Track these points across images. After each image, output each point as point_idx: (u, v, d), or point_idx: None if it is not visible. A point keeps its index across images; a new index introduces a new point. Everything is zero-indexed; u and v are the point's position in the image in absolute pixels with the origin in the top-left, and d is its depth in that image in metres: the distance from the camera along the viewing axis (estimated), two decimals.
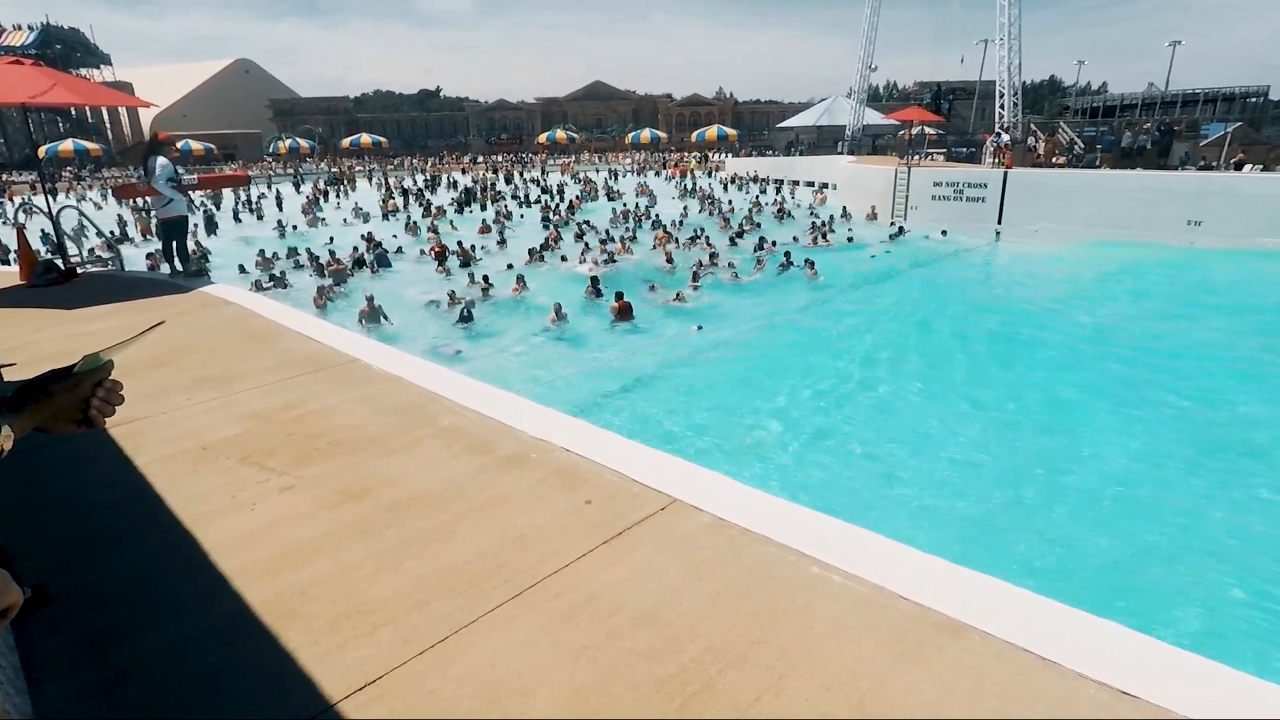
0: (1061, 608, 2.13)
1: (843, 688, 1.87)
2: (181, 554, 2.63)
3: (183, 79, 76.29)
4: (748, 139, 66.01)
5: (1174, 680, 1.83)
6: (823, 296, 15.71)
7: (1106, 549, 6.26)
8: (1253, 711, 1.73)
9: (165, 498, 3.03)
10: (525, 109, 79.17)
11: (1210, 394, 9.84)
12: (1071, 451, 8.12)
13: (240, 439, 3.59)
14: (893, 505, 7.03)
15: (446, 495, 2.97)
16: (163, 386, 4.39)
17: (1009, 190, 23.44)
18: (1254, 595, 5.62)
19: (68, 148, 44.10)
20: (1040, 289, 16.71)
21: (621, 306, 12.89)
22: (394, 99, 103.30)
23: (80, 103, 10.41)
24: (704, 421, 8.98)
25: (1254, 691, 1.79)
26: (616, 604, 2.24)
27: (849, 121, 42.33)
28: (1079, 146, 29.44)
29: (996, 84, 30.58)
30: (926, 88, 57.62)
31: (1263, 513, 6.77)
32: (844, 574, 2.33)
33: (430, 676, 1.97)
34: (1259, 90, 45.33)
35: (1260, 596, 5.60)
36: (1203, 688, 1.80)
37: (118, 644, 2.17)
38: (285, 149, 53.44)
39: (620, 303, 12.92)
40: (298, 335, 5.60)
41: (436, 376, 4.49)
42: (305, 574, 2.46)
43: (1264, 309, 14.09)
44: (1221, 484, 7.32)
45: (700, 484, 2.99)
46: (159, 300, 7.22)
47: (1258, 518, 6.69)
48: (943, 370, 11.08)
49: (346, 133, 66.09)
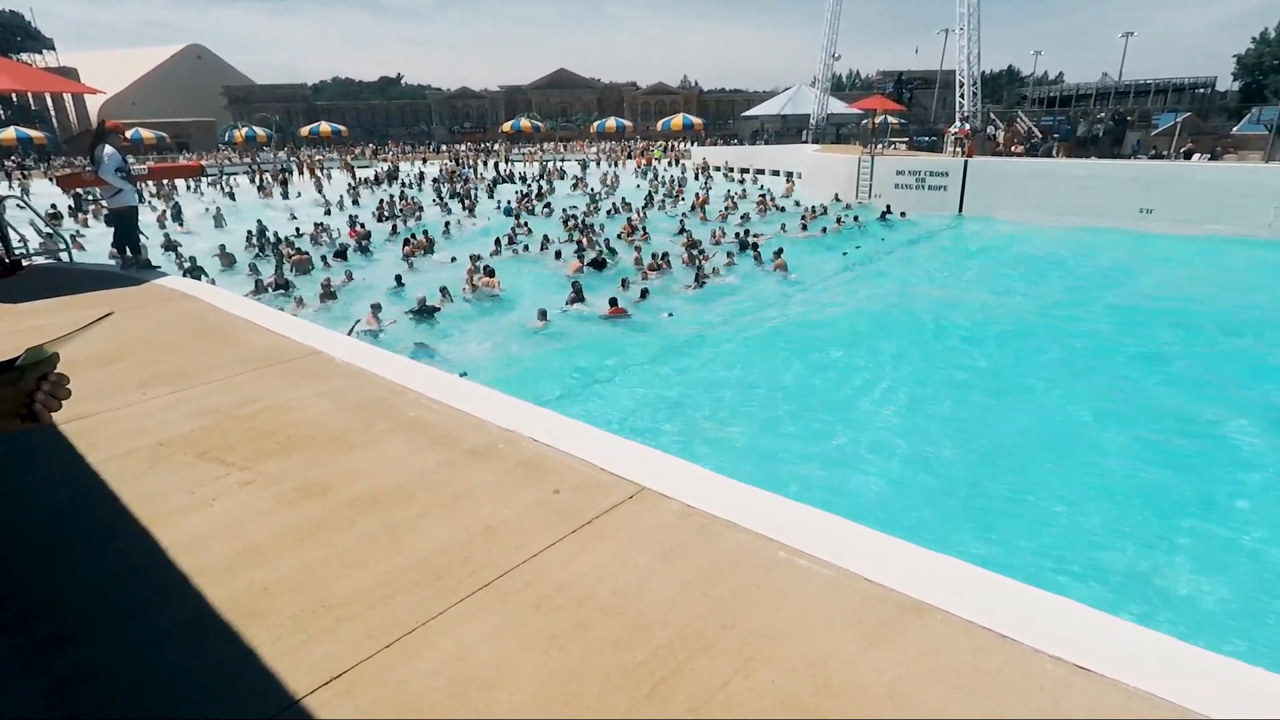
0: (1019, 586, 2.19)
1: (810, 669, 1.89)
2: (138, 554, 2.56)
3: (132, 65, 73.63)
4: (713, 128, 66.08)
5: (1127, 654, 1.88)
6: (798, 287, 15.92)
7: (1079, 528, 6.48)
8: (1202, 682, 1.79)
9: (120, 496, 2.94)
10: (489, 97, 78.22)
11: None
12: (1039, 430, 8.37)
13: (197, 435, 3.50)
14: (856, 488, 7.15)
15: (411, 489, 2.94)
16: (115, 382, 4.25)
17: (969, 179, 23.87)
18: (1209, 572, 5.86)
19: (10, 136, 42.48)
20: (1000, 269, 17.14)
21: (615, 311, 12.78)
22: (354, 87, 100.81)
23: (20, 89, 10.02)
24: (680, 408, 9.04)
25: (1203, 663, 1.86)
26: (586, 593, 2.24)
27: (813, 110, 42.62)
28: (1036, 136, 30.08)
29: (956, 73, 31.04)
30: (889, 77, 58.34)
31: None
32: (811, 558, 2.36)
33: (397, 669, 1.95)
34: (1207, 81, 46.84)
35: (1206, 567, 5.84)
36: (1154, 661, 1.86)
37: (73, 647, 2.11)
38: (242, 137, 52.12)
39: (615, 308, 12.79)
40: (256, 328, 5.47)
41: (401, 369, 4.43)
42: (267, 571, 2.41)
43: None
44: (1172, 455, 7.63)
45: (669, 472, 3.00)
46: (110, 294, 6.99)
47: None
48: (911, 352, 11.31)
49: (305, 121, 64.68)
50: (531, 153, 51.31)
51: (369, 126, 74.68)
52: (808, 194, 27.75)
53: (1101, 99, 45.81)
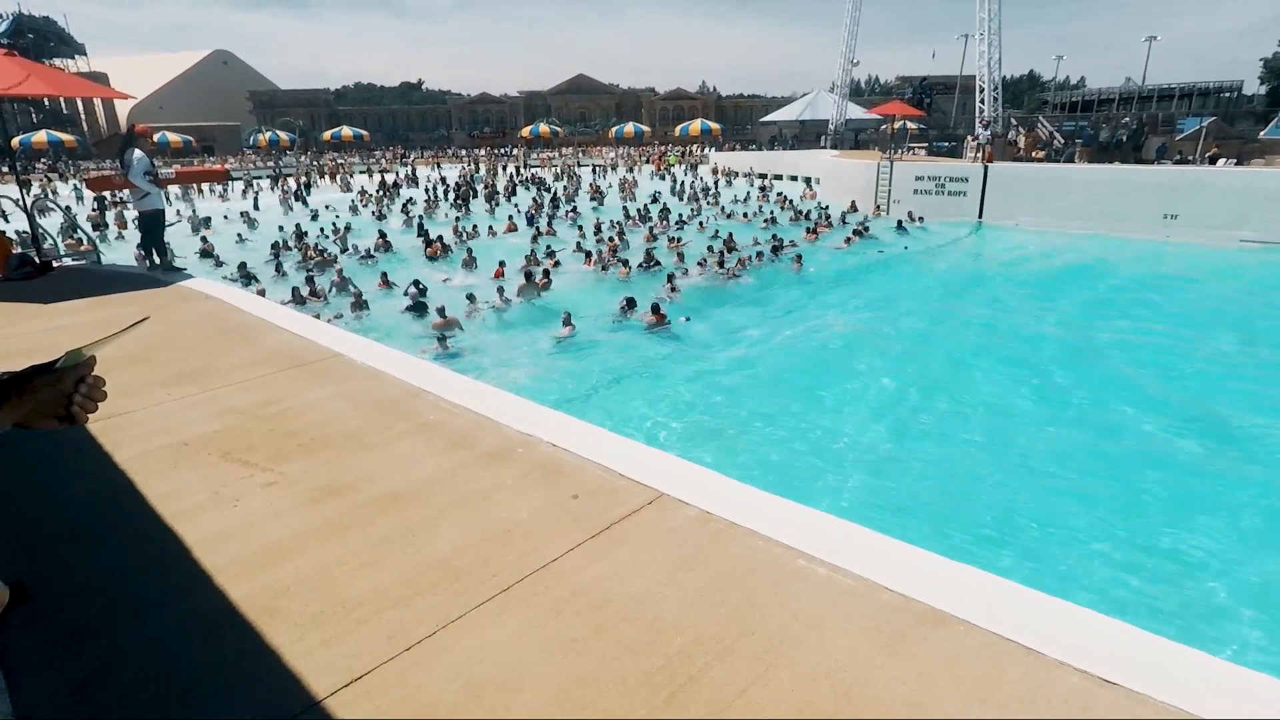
0: (1042, 597, 2.16)
1: (828, 678, 1.88)
2: (161, 549, 2.59)
3: (159, 70, 74.91)
4: (731, 133, 66.01)
5: (1154, 668, 1.85)
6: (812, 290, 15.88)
7: (1104, 535, 6.39)
8: (1231, 697, 1.76)
9: (145, 493, 2.99)
10: (508, 102, 78.65)
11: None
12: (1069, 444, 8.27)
13: (220, 435, 3.55)
14: (874, 496, 7.10)
15: (429, 490, 2.95)
16: (141, 382, 4.32)
17: (989, 184, 23.64)
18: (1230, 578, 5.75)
19: (41, 139, 43.32)
20: (1018, 278, 16.96)
21: (659, 318, 12.80)
22: (375, 91, 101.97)
23: (55, 94, 10.21)
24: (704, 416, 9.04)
25: (1232, 677, 1.82)
26: (603, 598, 2.24)
27: (832, 116, 42.45)
28: (1058, 141, 29.75)
29: (976, 79, 30.79)
30: (908, 82, 57.95)
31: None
32: (829, 565, 2.34)
33: (416, 672, 1.96)
34: (1233, 85, 46.08)
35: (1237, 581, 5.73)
36: (1183, 675, 1.83)
37: (97, 639, 2.14)
38: (265, 141, 52.77)
39: (658, 315, 12.81)
40: (277, 329, 5.54)
41: (419, 371, 4.46)
42: (287, 570, 2.44)
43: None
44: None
45: (686, 478, 2.99)
46: (136, 294, 7.11)
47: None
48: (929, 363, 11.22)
49: (327, 125, 65.33)
50: (550, 157, 51.51)
51: (390, 131, 75.43)
52: (826, 199, 27.64)
53: (1124, 103, 45.26)
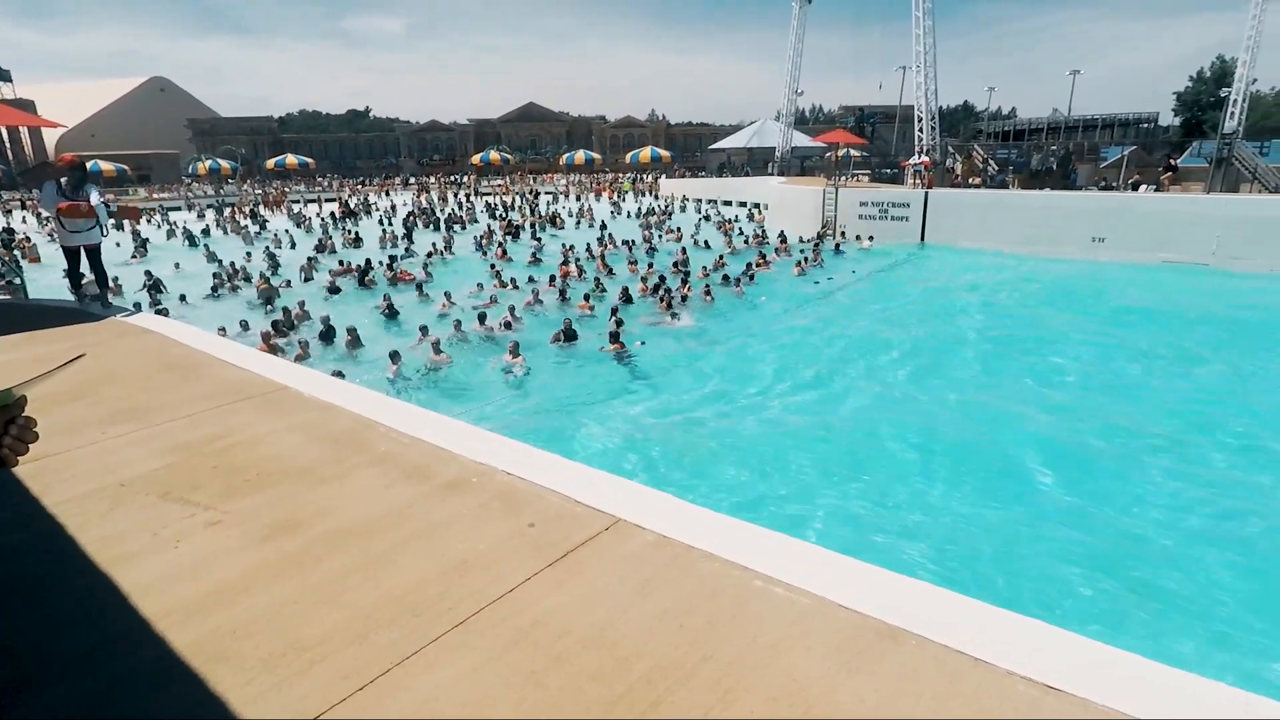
0: (988, 608, 2.23)
1: (789, 698, 1.90)
2: (99, 598, 2.48)
3: (91, 97, 72.65)
4: (681, 160, 67.11)
5: (1096, 674, 1.93)
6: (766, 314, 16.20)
7: (1045, 547, 6.59)
8: (1165, 698, 1.84)
9: (79, 539, 2.86)
10: (458, 130, 78.63)
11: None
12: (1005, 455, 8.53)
13: (162, 473, 3.42)
14: (829, 514, 7.20)
15: (384, 524, 2.90)
16: (77, 420, 4.14)
17: (930, 209, 24.53)
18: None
19: None
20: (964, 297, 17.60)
21: (617, 347, 12.76)
22: (321, 119, 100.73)
23: None
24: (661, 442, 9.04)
25: (1166, 678, 1.91)
26: (563, 626, 2.23)
27: (778, 143, 43.55)
28: (993, 168, 31.10)
29: (915, 109, 32.02)
30: (851, 111, 59.93)
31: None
32: (787, 586, 2.38)
33: (372, 711, 1.92)
34: (1150, 116, 49.01)
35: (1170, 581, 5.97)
36: (1122, 678, 1.91)
37: (33, 696, 2.03)
38: (205, 170, 51.49)
39: (616, 344, 12.77)
40: (223, 363, 5.38)
41: (369, 403, 4.39)
42: (236, 612, 2.36)
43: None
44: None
45: (643, 503, 3.00)
46: (71, 329, 6.82)
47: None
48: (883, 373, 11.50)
49: (271, 153, 64.18)
50: (502, 185, 51.42)
51: (336, 159, 74.46)
52: (775, 224, 28.28)
53: (1053, 133, 47.60)
